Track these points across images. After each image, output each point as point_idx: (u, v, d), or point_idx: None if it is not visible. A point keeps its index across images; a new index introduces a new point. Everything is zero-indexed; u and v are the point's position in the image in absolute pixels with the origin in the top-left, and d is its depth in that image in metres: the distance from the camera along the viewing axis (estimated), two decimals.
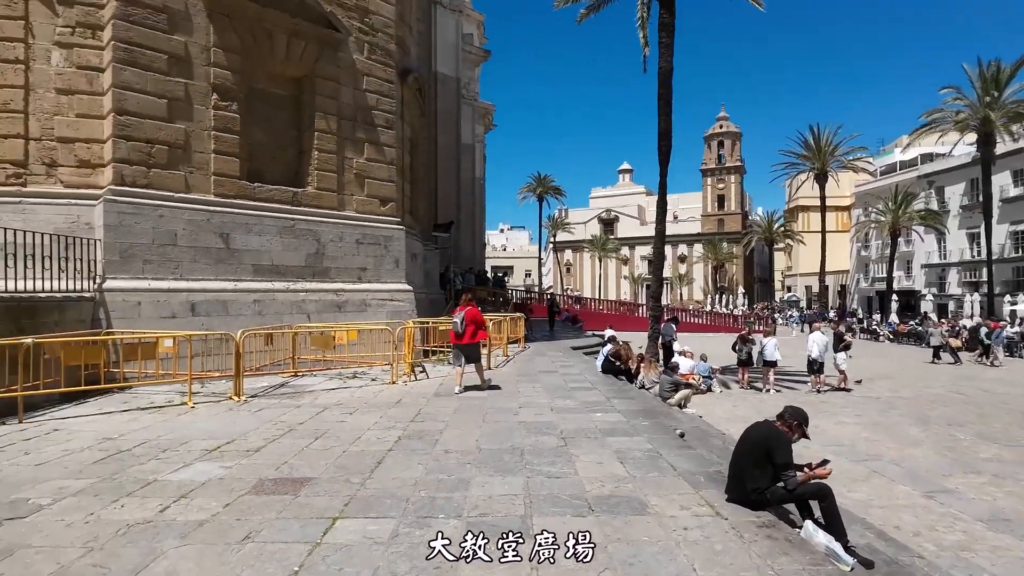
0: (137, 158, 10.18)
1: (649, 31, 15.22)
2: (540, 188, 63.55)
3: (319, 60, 12.54)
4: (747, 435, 4.82)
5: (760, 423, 4.96)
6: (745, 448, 4.69)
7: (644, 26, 14.30)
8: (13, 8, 9.71)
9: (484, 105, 43.52)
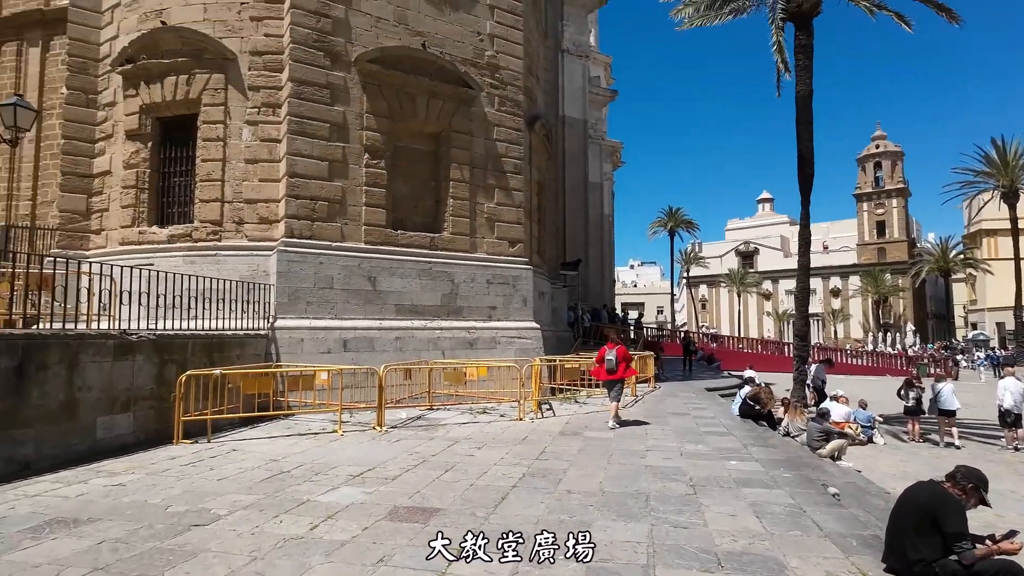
0: (303, 213, 11.74)
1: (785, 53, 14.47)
2: (671, 222, 61.83)
3: (454, 116, 13.62)
4: (910, 496, 4.25)
5: (925, 483, 4.36)
6: (906, 511, 4.14)
7: (781, 50, 13.63)
8: (216, 96, 11.86)
9: (612, 143, 43.86)
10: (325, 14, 11.99)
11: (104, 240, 12.57)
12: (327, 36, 12.02)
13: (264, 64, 11.96)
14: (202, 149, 11.97)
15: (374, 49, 12.45)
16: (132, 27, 12.27)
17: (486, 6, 14.13)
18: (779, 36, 13.54)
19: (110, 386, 7.79)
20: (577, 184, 29.06)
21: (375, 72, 12.54)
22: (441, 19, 13.44)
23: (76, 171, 12.71)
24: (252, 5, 11.96)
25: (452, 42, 13.59)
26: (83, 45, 12.83)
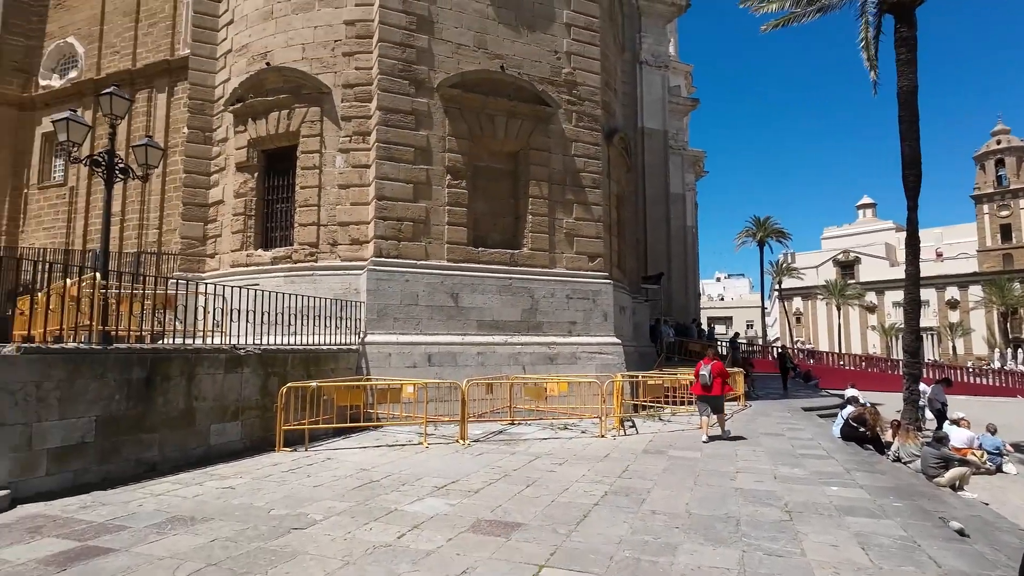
0: (390, 234, 12.33)
1: (882, 48, 13.53)
2: (760, 232, 58.80)
3: (532, 134, 13.84)
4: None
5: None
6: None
7: (868, 47, 12.73)
8: (312, 128, 12.80)
9: (694, 153, 42.66)
10: (409, 45, 12.65)
11: (217, 263, 13.82)
12: (412, 65, 12.67)
13: (355, 95, 12.77)
14: (300, 177, 12.93)
15: (455, 75, 12.95)
16: (241, 70, 13.55)
17: (563, 25, 14.32)
18: (867, 32, 12.64)
19: (222, 396, 8.52)
20: (658, 196, 28.47)
21: (456, 96, 13.03)
22: (519, 41, 13.77)
23: (195, 201, 14.12)
24: (344, 42, 12.85)
25: (530, 62, 13.87)
26: (201, 89, 14.31)
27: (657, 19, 28.84)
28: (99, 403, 6.84)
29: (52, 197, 24.33)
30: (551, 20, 14.20)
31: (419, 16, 12.73)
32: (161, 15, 22.46)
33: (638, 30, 27.27)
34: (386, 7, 12.44)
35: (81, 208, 23.38)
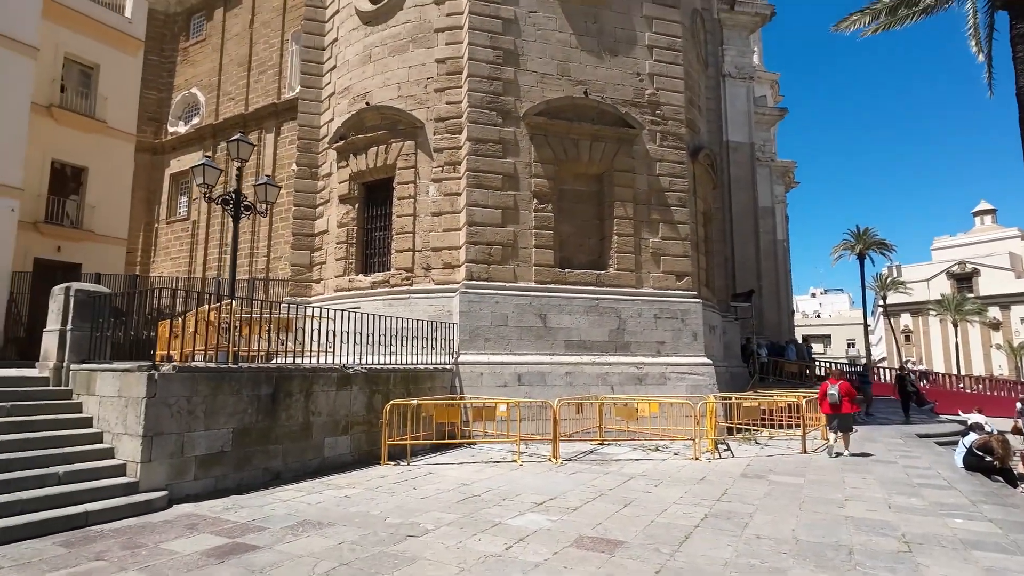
0: (480, 257, 12.87)
1: (997, 46, 12.60)
2: (860, 244, 54.93)
3: (616, 155, 14.01)
4: None
5: None
6: None
7: (979, 45, 11.82)
8: (407, 160, 13.68)
9: (783, 164, 40.94)
10: (496, 77, 13.28)
11: (322, 288, 14.96)
12: (498, 96, 13.28)
13: (446, 128, 13.54)
14: (396, 206, 13.82)
15: (540, 103, 13.43)
16: (344, 110, 14.76)
17: (645, 47, 14.48)
18: (976, 30, 11.71)
19: (334, 412, 9.25)
20: (745, 210, 27.54)
21: (541, 123, 13.48)
22: (601, 66, 14.07)
23: (303, 231, 15.42)
24: (436, 79, 13.70)
25: (612, 85, 14.11)
26: (308, 129, 15.70)
27: (740, 30, 28.23)
28: (235, 416, 7.68)
29: (177, 230, 27.25)
30: (633, 43, 14.40)
31: (505, 50, 13.36)
32: (269, 63, 24.82)
33: (720, 43, 26.80)
34: (475, 44, 13.18)
35: (201, 239, 26.00)
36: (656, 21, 14.63)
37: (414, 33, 14.04)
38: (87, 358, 8.01)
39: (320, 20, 16.16)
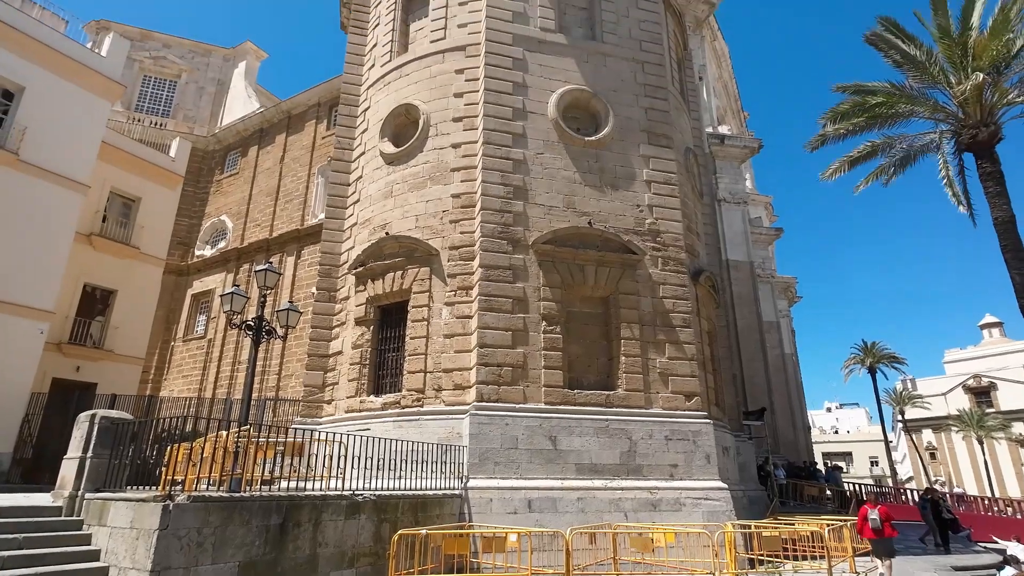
0: (491, 379, 13.12)
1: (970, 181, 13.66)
2: (869, 358, 54.67)
3: (621, 279, 14.71)
4: None
5: None
6: None
7: (952, 184, 12.93)
8: (422, 285, 14.43)
9: (784, 280, 42.04)
10: (507, 210, 14.38)
11: (333, 408, 15.09)
12: (509, 227, 14.28)
13: (460, 255, 14.42)
14: (410, 328, 14.34)
15: (547, 232, 14.40)
16: (364, 239, 15.82)
17: (643, 182, 15.75)
18: (947, 171, 12.89)
19: (341, 542, 9.05)
20: (750, 326, 27.98)
21: (549, 251, 14.35)
22: (604, 199, 15.23)
23: (318, 352, 15.85)
24: (451, 212, 14.83)
25: (615, 216, 15.17)
26: (330, 256, 16.70)
27: (731, 161, 30.46)
28: (243, 548, 7.57)
29: (193, 348, 27.81)
30: (632, 179, 15.69)
31: (515, 186, 14.59)
32: (295, 194, 26.79)
33: (714, 172, 28.88)
34: (487, 181, 14.44)
35: (215, 357, 26.46)
36: (652, 160, 16.04)
37: (432, 172, 15.42)
38: (102, 486, 8.08)
39: (347, 160, 17.81)
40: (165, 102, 33.96)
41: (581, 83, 16.20)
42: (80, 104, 17.99)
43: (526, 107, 15.50)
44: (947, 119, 14.80)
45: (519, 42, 16.13)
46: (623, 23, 17.47)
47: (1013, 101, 13.83)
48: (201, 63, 35.04)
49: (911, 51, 15.28)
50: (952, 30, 14.71)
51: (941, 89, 14.83)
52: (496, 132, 15.00)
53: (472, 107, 15.64)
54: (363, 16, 19.65)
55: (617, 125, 15.98)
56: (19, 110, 16.78)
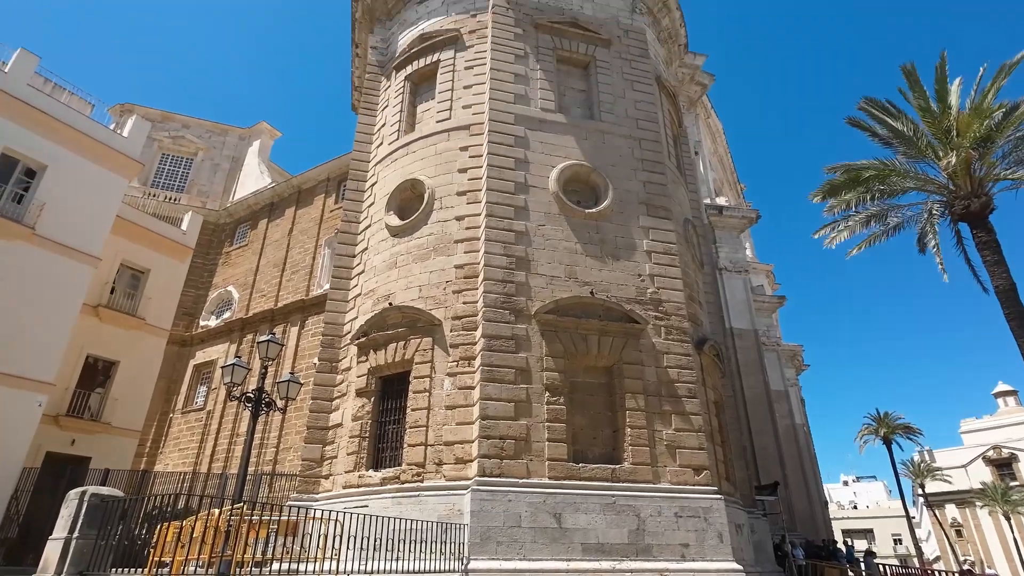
0: (493, 452, 12.78)
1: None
2: (884, 428, 53.17)
3: (624, 349, 14.62)
4: None
5: None
6: None
7: (939, 252, 13.13)
8: (424, 355, 14.36)
9: (790, 348, 41.74)
10: (510, 280, 14.54)
11: (331, 484, 14.62)
12: (511, 297, 14.38)
13: (462, 325, 14.45)
14: (412, 400, 14.14)
15: (550, 302, 14.48)
16: (368, 310, 15.92)
17: (644, 252, 15.99)
18: (934, 240, 13.08)
19: None
20: (758, 395, 27.46)
21: (551, 320, 14.37)
22: (605, 269, 15.42)
23: (317, 425, 15.56)
24: (454, 282, 15.00)
25: (616, 286, 15.30)
26: (333, 327, 16.75)
27: (730, 231, 30.98)
28: None
29: (191, 420, 27.37)
30: (633, 249, 15.95)
31: (518, 257, 14.83)
32: (302, 265, 27.25)
33: (713, 241, 29.31)
34: (491, 252, 14.69)
35: (213, 430, 25.98)
36: (652, 230, 16.36)
37: (436, 243, 15.74)
38: (87, 568, 7.73)
39: (353, 232, 18.23)
40: (181, 178, 35.27)
41: (581, 159, 16.81)
42: (99, 181, 18.71)
43: (528, 181, 16.03)
44: (938, 191, 15.19)
45: (520, 121, 16.90)
46: (620, 103, 18.36)
47: (1001, 176, 14.26)
48: (217, 141, 36.67)
49: (898, 126, 15.93)
50: (933, 109, 15.39)
51: (929, 163, 15.33)
52: (499, 205, 15.43)
53: (476, 181, 16.18)
54: (373, 98, 20.73)
55: (616, 198, 16.44)
56: (40, 187, 17.44)
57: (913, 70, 15.95)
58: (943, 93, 15.44)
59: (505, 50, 18.00)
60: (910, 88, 16.03)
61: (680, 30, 23.84)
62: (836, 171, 16.42)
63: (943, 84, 15.54)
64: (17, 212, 16.75)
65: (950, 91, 15.23)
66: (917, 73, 16.05)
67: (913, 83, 16.04)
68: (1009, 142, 14.73)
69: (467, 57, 18.48)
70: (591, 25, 19.43)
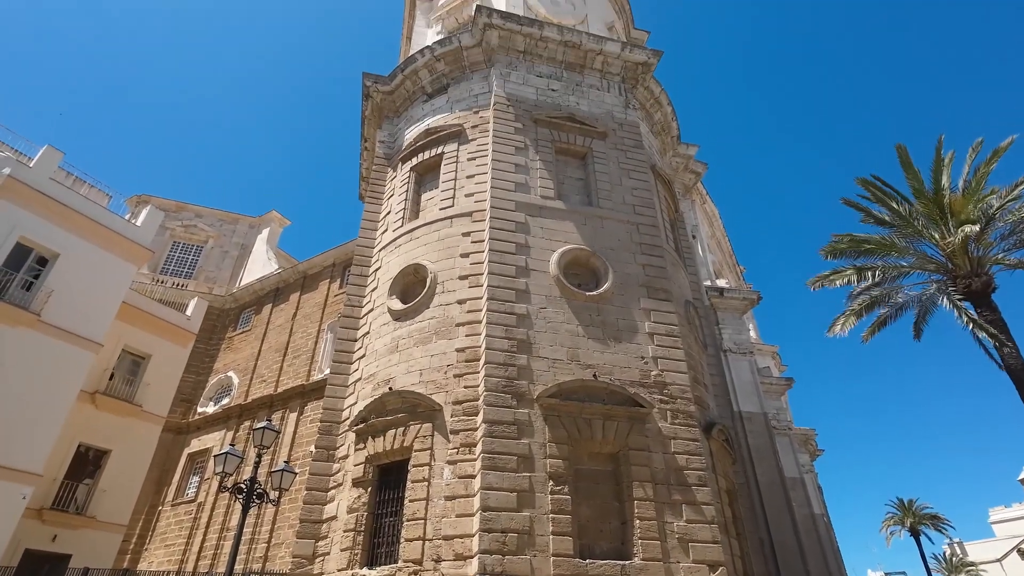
0: (494, 547, 12.06)
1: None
2: (909, 518, 50.46)
3: (630, 434, 14.19)
4: None
5: None
6: None
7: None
8: (424, 442, 13.94)
9: (803, 432, 40.50)
10: (511, 364, 14.39)
11: None
12: (513, 380, 14.17)
13: (463, 410, 14.13)
14: (410, 490, 13.55)
15: (552, 386, 14.24)
16: (367, 395, 15.67)
17: (646, 334, 15.93)
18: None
19: None
20: (772, 482, 26.22)
21: (554, 404, 14.06)
22: (607, 351, 15.30)
23: (311, 518, 14.84)
24: (455, 365, 14.85)
25: (619, 368, 15.10)
26: (332, 412, 16.41)
27: (732, 312, 30.95)
28: None
29: (180, 513, 26.19)
30: (635, 331, 15.90)
31: (519, 340, 14.77)
32: (304, 349, 27.16)
33: (716, 323, 29.22)
34: (492, 335, 14.65)
35: (203, 523, 24.80)
36: (653, 312, 16.40)
37: (437, 327, 15.75)
38: None
39: (356, 316, 18.32)
40: (190, 265, 36.02)
41: (580, 243, 17.17)
42: (108, 268, 19.10)
43: (528, 265, 16.28)
44: (937, 269, 15.33)
45: (521, 207, 17.45)
46: (616, 190, 19.02)
47: (1000, 260, 14.45)
48: (228, 230, 37.79)
49: (893, 206, 16.34)
50: (926, 190, 15.87)
51: (927, 243, 15.59)
52: (500, 288, 15.58)
53: (478, 265, 16.44)
54: (379, 188, 21.55)
55: (617, 281, 16.61)
56: (50, 274, 17.78)
57: (905, 152, 16.59)
58: (938, 175, 15.96)
59: (506, 142, 18.92)
60: (903, 168, 16.60)
61: (672, 123, 25.13)
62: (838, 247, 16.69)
63: (939, 166, 16.07)
64: (25, 299, 16.97)
65: (943, 171, 15.75)
66: (909, 155, 16.70)
67: (906, 164, 16.60)
68: (1005, 225, 15.07)
69: (470, 149, 19.39)
70: (587, 119, 20.52)
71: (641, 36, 32.68)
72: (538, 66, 21.60)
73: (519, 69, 21.23)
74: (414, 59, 22.36)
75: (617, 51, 22.13)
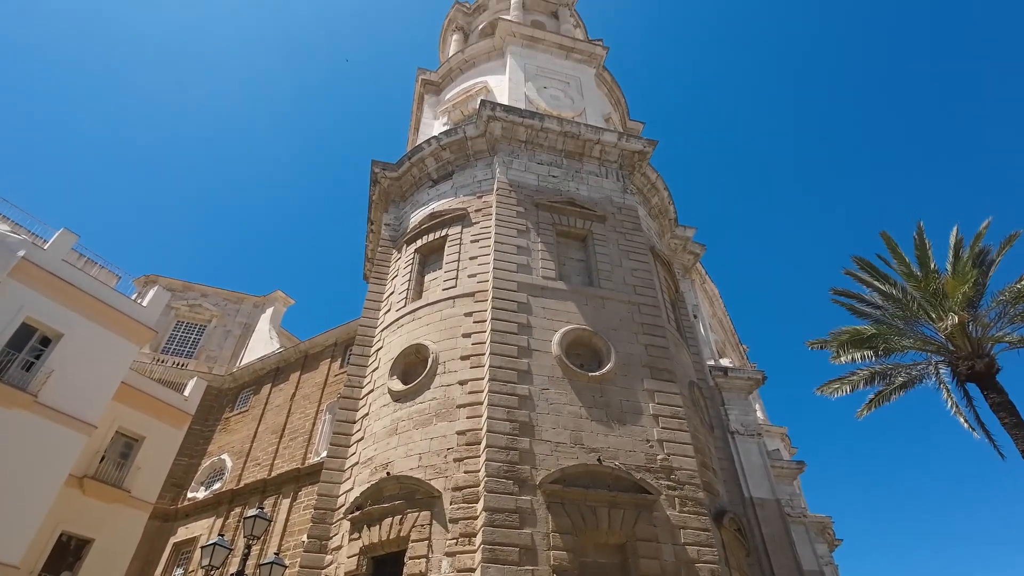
0: None
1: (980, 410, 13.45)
2: None
3: (636, 523, 13.55)
4: None
5: None
6: None
7: (960, 413, 12.82)
8: (422, 532, 13.32)
9: (819, 519, 38.55)
10: (513, 447, 14.01)
11: None
12: (515, 465, 13.74)
13: (463, 497, 13.60)
14: None
15: (556, 471, 13.79)
16: (364, 480, 15.15)
17: (650, 416, 15.62)
18: (952, 401, 12.84)
19: None
20: (791, 574, 24.75)
21: (557, 491, 13.55)
22: (611, 435, 14.94)
23: None
24: (455, 449, 14.47)
25: (624, 452, 14.68)
26: (327, 499, 15.79)
27: (738, 392, 30.44)
28: None
29: None
30: (639, 413, 15.60)
31: (521, 423, 14.48)
32: (301, 431, 26.55)
33: (721, 403, 28.68)
34: (493, 417, 14.38)
35: None
36: (657, 393, 16.16)
37: (438, 408, 15.49)
38: None
39: (355, 397, 18.07)
40: (191, 344, 35.99)
41: (582, 323, 17.23)
42: (111, 348, 19.09)
43: (530, 345, 16.25)
44: (938, 351, 15.26)
45: (523, 288, 17.66)
46: (617, 271, 19.32)
47: (1001, 338, 14.44)
48: (232, 309, 38.07)
49: (886, 289, 16.53)
50: (916, 274, 16.12)
51: (923, 324, 15.63)
52: (502, 369, 15.47)
53: (479, 346, 16.42)
54: (384, 269, 21.94)
55: (619, 361, 16.51)
56: (52, 354, 17.75)
57: (890, 238, 17.02)
58: (924, 259, 16.28)
59: (508, 225, 19.46)
60: (891, 252, 16.95)
61: (669, 206, 25.93)
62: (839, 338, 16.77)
63: (923, 251, 16.46)
64: (24, 380, 16.84)
65: (929, 256, 16.09)
66: (895, 240, 17.12)
67: (892, 248, 16.99)
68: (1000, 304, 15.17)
69: (473, 232, 19.92)
70: (587, 204, 21.22)
71: (636, 127, 34.47)
72: (539, 154, 22.63)
73: (521, 157, 22.23)
74: (421, 148, 23.48)
75: (614, 140, 23.25)
